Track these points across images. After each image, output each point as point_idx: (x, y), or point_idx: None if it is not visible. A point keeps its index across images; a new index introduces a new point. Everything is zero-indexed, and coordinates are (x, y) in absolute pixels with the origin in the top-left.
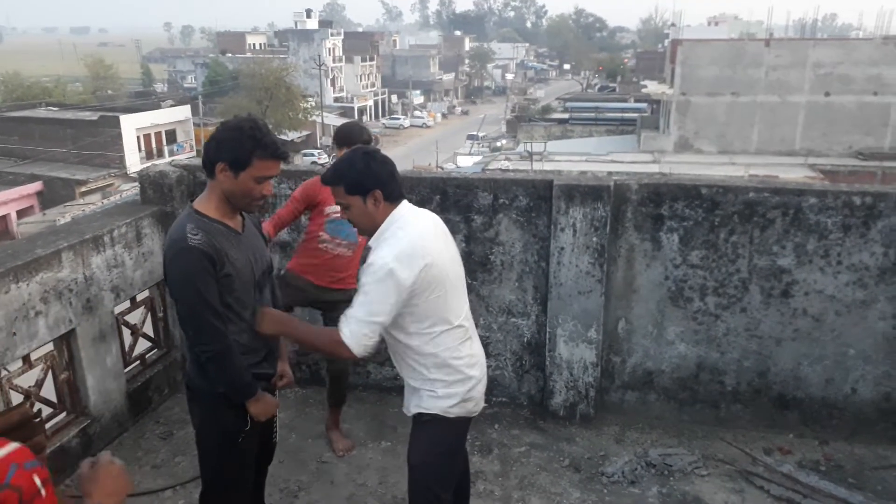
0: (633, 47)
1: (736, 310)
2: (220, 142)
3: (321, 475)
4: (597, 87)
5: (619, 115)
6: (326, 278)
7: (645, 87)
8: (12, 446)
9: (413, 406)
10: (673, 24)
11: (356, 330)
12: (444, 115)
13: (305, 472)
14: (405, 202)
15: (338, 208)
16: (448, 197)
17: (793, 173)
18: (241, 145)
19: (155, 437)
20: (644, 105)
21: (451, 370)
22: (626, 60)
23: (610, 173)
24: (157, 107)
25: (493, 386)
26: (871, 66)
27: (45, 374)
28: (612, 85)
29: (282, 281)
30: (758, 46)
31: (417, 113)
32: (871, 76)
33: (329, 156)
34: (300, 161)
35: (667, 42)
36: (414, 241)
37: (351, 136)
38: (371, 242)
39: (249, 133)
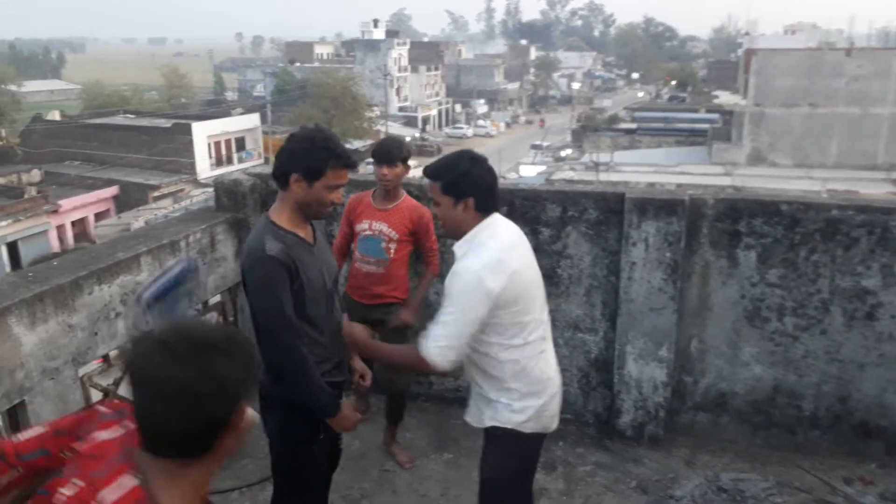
0: (705, 56)
1: (816, 331)
2: (294, 153)
3: (383, 484)
4: (666, 98)
5: (689, 125)
6: (365, 296)
7: (717, 97)
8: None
9: (488, 419)
10: (747, 33)
11: (443, 345)
12: (507, 125)
13: (368, 480)
14: (497, 214)
15: (367, 226)
16: (515, 208)
17: (874, 188)
18: (314, 156)
19: None
20: (716, 116)
21: (529, 381)
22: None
23: (679, 185)
24: (228, 115)
25: None
26: None
27: (124, 373)
28: (682, 95)
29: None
30: (838, 56)
31: (480, 122)
32: None
33: None
34: (364, 170)
35: (740, 51)
36: (503, 250)
37: (390, 153)
38: (456, 248)
39: (322, 144)
